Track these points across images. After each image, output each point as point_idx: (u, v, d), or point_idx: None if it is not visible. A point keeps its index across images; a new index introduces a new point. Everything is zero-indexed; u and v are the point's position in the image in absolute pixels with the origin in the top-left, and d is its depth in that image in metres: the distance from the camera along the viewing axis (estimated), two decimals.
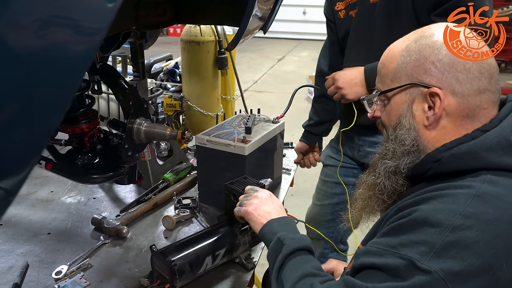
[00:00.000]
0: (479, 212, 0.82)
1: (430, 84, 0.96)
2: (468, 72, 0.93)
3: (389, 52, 1.06)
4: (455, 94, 0.94)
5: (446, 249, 0.79)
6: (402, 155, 1.00)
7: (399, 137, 1.01)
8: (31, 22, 0.53)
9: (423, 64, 0.97)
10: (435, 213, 0.84)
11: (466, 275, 0.78)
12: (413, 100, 0.99)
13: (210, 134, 1.70)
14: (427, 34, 0.99)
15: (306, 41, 11.41)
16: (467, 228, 0.81)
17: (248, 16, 1.39)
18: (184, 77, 2.88)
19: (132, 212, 1.68)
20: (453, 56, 0.94)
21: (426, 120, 0.97)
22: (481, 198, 0.84)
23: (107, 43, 1.63)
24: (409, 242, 0.83)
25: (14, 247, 1.52)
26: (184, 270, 1.25)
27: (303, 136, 2.21)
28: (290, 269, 1.03)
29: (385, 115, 1.07)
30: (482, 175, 0.89)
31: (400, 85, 1.01)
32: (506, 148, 0.90)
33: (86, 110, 1.33)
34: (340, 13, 1.81)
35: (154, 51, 3.82)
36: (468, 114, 0.94)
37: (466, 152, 0.91)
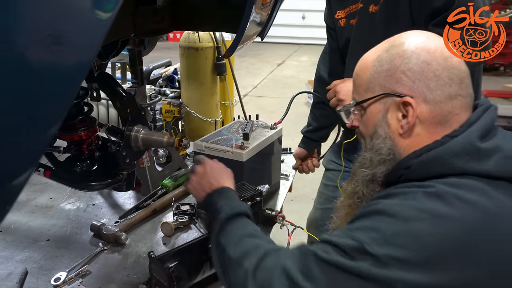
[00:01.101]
0: (435, 208, 0.84)
1: (402, 93, 0.97)
2: (438, 79, 0.95)
3: (362, 62, 1.08)
4: (427, 101, 0.95)
5: (396, 237, 0.83)
6: (378, 163, 1.02)
7: (375, 146, 1.02)
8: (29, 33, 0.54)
9: (394, 74, 0.98)
10: (394, 205, 0.88)
11: (411, 263, 0.81)
12: (387, 110, 1.00)
13: (208, 141, 1.71)
14: (397, 43, 1.01)
15: (305, 46, 11.44)
16: (420, 220, 0.83)
17: (245, 23, 1.39)
18: (183, 83, 2.90)
19: (131, 219, 1.69)
20: (423, 64, 0.95)
21: (400, 128, 0.98)
22: (440, 197, 0.86)
23: (105, 50, 1.64)
24: (364, 227, 0.88)
25: (13, 254, 1.53)
26: (182, 276, 1.26)
27: (301, 141, 2.21)
28: (228, 233, 1.07)
29: (362, 125, 1.08)
30: (448, 178, 0.90)
31: (374, 95, 1.02)
32: (472, 154, 0.91)
33: (85, 118, 1.34)
34: (340, 22, 1.82)
35: (154, 56, 3.84)
36: (441, 120, 0.96)
37: (433, 159, 0.93)
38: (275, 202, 1.86)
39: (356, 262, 0.83)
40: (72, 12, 0.59)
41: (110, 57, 1.69)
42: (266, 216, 1.62)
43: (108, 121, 2.65)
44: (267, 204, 1.81)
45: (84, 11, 0.60)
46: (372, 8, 1.61)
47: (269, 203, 1.83)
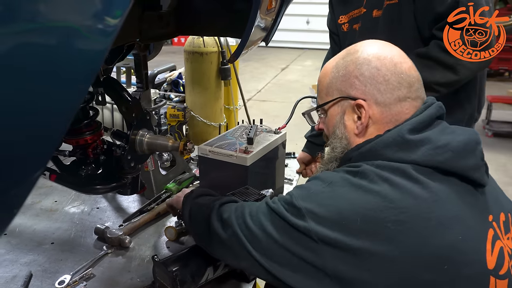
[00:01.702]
0: (355, 179, 0.97)
1: (355, 96, 1.07)
2: (388, 83, 1.04)
3: (323, 69, 1.19)
4: (378, 103, 1.05)
5: (317, 195, 0.98)
6: (332, 160, 1.14)
7: (332, 144, 1.14)
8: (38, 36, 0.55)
9: (349, 79, 1.08)
10: (327, 174, 1.04)
11: (322, 217, 0.94)
12: (344, 112, 1.11)
13: (212, 145, 1.72)
14: (352, 51, 1.12)
15: (309, 50, 11.45)
16: (340, 186, 0.97)
17: (250, 28, 1.40)
18: (188, 88, 2.91)
19: (135, 222, 1.70)
20: (373, 70, 1.05)
21: (356, 129, 1.08)
22: (362, 173, 0.97)
23: (111, 55, 1.66)
24: (301, 186, 1.05)
25: (18, 257, 1.54)
26: (185, 280, 1.26)
27: (305, 146, 2.21)
28: (200, 201, 1.27)
29: (325, 126, 1.19)
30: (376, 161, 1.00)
31: (332, 98, 1.12)
32: (400, 145, 0.99)
33: (90, 122, 1.34)
34: (343, 27, 1.82)
35: (159, 61, 3.85)
36: (391, 120, 1.04)
37: (368, 150, 1.04)
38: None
39: (286, 211, 0.98)
40: (82, 16, 0.59)
41: (116, 62, 1.70)
42: None
43: (113, 125, 2.66)
44: None
45: (94, 16, 0.61)
46: (376, 13, 1.62)
47: None
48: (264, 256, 1.01)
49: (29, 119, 0.58)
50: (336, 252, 0.91)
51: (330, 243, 0.92)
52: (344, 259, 0.90)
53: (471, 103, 1.62)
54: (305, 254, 0.94)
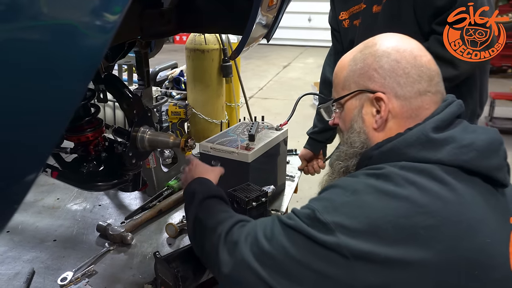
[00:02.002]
0: (380, 184, 0.91)
1: (374, 90, 1.03)
2: (408, 76, 1.00)
3: (340, 63, 1.15)
4: (398, 97, 1.01)
5: (343, 206, 0.91)
6: (351, 156, 1.09)
7: (350, 139, 1.08)
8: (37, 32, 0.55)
9: (367, 72, 1.04)
10: (347, 181, 0.98)
11: (353, 230, 0.87)
12: (362, 105, 1.06)
13: (214, 142, 1.72)
14: (370, 44, 1.08)
15: (311, 48, 11.44)
16: (366, 193, 0.91)
17: (251, 25, 1.40)
18: (189, 85, 2.91)
19: (137, 219, 1.70)
20: (393, 62, 1.01)
21: (375, 123, 1.04)
22: (388, 176, 0.92)
23: (112, 52, 1.66)
24: (320, 198, 0.98)
25: (21, 254, 1.54)
26: (187, 276, 1.26)
27: (307, 143, 2.22)
28: (205, 210, 1.17)
29: (341, 121, 1.15)
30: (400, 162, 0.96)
31: (349, 92, 1.08)
32: (424, 144, 0.95)
33: (91, 119, 1.35)
34: (344, 23, 1.82)
35: (160, 59, 3.85)
36: (412, 115, 1.01)
37: (390, 149, 0.99)
38: (281, 203, 1.87)
39: (310, 227, 0.90)
40: (80, 12, 0.59)
41: (117, 59, 1.70)
42: None
43: (114, 122, 2.66)
44: (273, 205, 1.81)
45: (93, 12, 0.61)
46: (375, 8, 1.61)
47: (274, 204, 1.83)
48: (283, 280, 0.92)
49: (28, 117, 0.58)
50: (369, 266, 0.85)
51: (362, 257, 0.85)
52: (377, 271, 0.85)
53: (472, 98, 1.62)
54: (333, 271, 0.87)
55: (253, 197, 1.47)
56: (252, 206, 1.46)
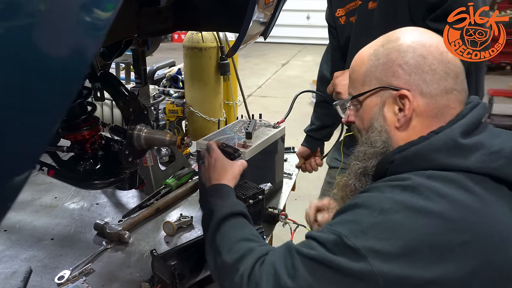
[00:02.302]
0: (409, 200, 0.85)
1: (398, 86, 0.97)
2: (434, 73, 0.95)
3: (358, 57, 1.08)
4: (423, 94, 0.96)
5: (372, 229, 0.84)
6: (371, 156, 1.03)
7: (370, 139, 1.03)
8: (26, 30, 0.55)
9: (391, 67, 0.99)
10: (371, 199, 0.90)
11: (386, 253, 0.81)
12: (383, 103, 1.01)
13: (211, 139, 1.71)
14: (393, 38, 1.02)
15: (310, 46, 11.44)
16: (394, 212, 0.84)
17: (247, 22, 1.40)
18: (187, 83, 2.91)
19: (134, 218, 1.70)
20: (419, 58, 0.96)
21: (397, 121, 0.99)
22: (415, 189, 0.87)
23: (109, 50, 1.65)
24: (344, 220, 0.90)
25: (18, 253, 1.54)
26: (184, 274, 1.26)
27: (305, 140, 2.22)
28: (223, 235, 1.08)
29: (358, 119, 1.09)
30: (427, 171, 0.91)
31: (370, 88, 1.02)
32: (452, 149, 0.91)
33: (88, 117, 1.34)
34: (340, 19, 1.82)
35: (159, 57, 3.85)
36: (437, 113, 0.96)
37: (415, 154, 0.94)
38: (278, 200, 1.87)
39: (337, 256, 0.84)
40: (72, 9, 0.59)
41: (114, 57, 1.70)
42: (268, 214, 1.63)
43: (112, 121, 2.66)
44: (270, 202, 1.81)
45: (85, 9, 0.61)
46: (371, 4, 1.62)
47: (272, 202, 1.83)
48: None
49: (19, 116, 0.57)
50: None
51: (398, 282, 0.80)
52: None
53: None
54: None
55: (250, 195, 1.47)
56: (249, 204, 1.46)
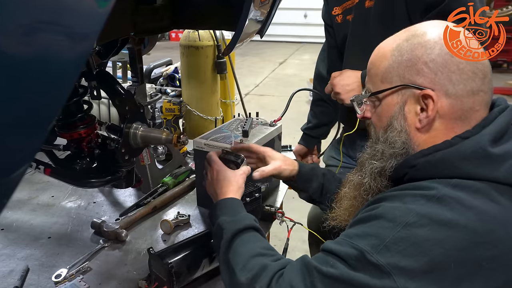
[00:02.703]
0: (435, 213, 0.81)
1: (422, 86, 0.92)
2: (462, 73, 0.90)
3: (378, 51, 1.03)
4: (448, 95, 0.91)
5: (396, 244, 0.80)
6: (390, 157, 0.98)
7: (389, 139, 0.98)
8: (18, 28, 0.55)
9: (416, 65, 0.93)
10: (393, 209, 0.85)
11: (412, 270, 0.78)
12: (405, 102, 0.96)
13: (207, 138, 1.72)
14: (419, 32, 0.96)
15: (307, 44, 11.43)
16: (419, 226, 0.81)
17: (243, 20, 1.40)
18: (184, 82, 2.91)
19: (131, 216, 1.70)
20: (447, 56, 0.91)
21: (418, 122, 0.94)
22: (441, 200, 0.83)
23: (105, 49, 1.65)
24: (364, 234, 0.85)
25: (15, 251, 1.54)
26: (181, 272, 1.26)
27: (301, 138, 2.22)
28: (236, 253, 1.04)
29: (375, 116, 1.04)
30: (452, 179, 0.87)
31: (391, 86, 0.97)
32: (481, 159, 0.87)
33: (84, 116, 1.34)
34: (337, 18, 1.82)
35: (156, 56, 3.84)
36: (461, 116, 0.92)
37: (440, 160, 0.89)
38: (275, 198, 1.87)
39: (359, 272, 0.81)
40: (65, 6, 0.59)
41: (110, 56, 1.70)
42: (265, 212, 1.63)
43: (109, 120, 2.66)
44: (267, 200, 1.81)
45: (78, 6, 0.61)
46: (368, 3, 1.62)
47: (269, 200, 1.83)
48: None
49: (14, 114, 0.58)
50: None
51: None
52: None
53: None
54: None
55: (247, 193, 1.48)
56: (245, 202, 1.46)
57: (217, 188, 1.26)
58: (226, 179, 1.27)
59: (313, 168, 1.48)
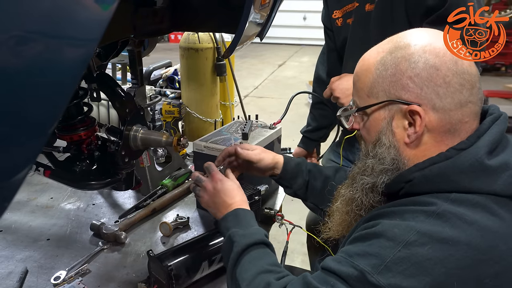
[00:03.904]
0: (435, 231, 0.81)
1: (409, 101, 0.91)
2: (448, 86, 0.88)
3: (363, 63, 1.01)
4: (436, 109, 0.89)
5: (397, 264, 0.79)
6: (380, 172, 0.97)
7: (378, 155, 0.97)
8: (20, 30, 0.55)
9: (400, 80, 0.91)
10: (393, 227, 0.84)
11: None
12: (392, 117, 0.94)
13: (207, 140, 1.72)
14: (402, 44, 0.93)
15: (306, 47, 11.44)
16: (420, 245, 0.80)
17: (243, 23, 1.40)
18: (183, 84, 2.91)
19: (131, 218, 1.70)
20: (431, 69, 0.89)
21: (407, 137, 0.93)
22: (441, 216, 0.82)
23: (105, 51, 1.65)
24: (364, 253, 0.84)
25: (14, 253, 1.54)
26: (180, 275, 1.26)
27: (301, 141, 2.22)
28: (243, 268, 1.03)
29: (364, 130, 1.02)
30: (450, 194, 0.86)
31: (377, 101, 0.96)
32: (478, 172, 0.86)
33: (84, 118, 1.34)
34: (337, 21, 1.83)
35: (155, 58, 3.84)
36: (450, 129, 0.90)
37: (437, 174, 0.88)
38: (275, 201, 1.87)
39: None
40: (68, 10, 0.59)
41: (110, 58, 1.70)
42: (265, 215, 1.63)
43: (108, 122, 2.66)
44: (267, 203, 1.81)
45: (81, 10, 0.61)
46: (368, 7, 1.62)
47: (268, 203, 1.83)
48: None
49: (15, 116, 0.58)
50: None
51: None
52: None
53: None
54: None
55: (247, 196, 1.47)
56: None
57: (225, 198, 1.21)
58: (233, 189, 1.23)
59: (298, 164, 1.44)
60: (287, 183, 1.45)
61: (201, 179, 1.28)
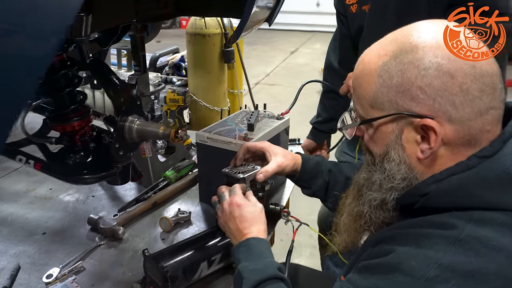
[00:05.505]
0: (459, 262, 0.70)
1: (420, 114, 0.78)
2: (466, 94, 0.76)
3: (363, 67, 0.88)
4: (452, 121, 0.77)
5: None
6: (388, 190, 0.87)
7: (387, 171, 0.86)
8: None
9: (409, 90, 0.79)
10: (410, 258, 0.73)
11: None
12: (401, 130, 0.83)
13: (211, 131, 1.63)
14: (408, 46, 0.80)
15: (319, 33, 11.25)
16: (442, 281, 0.69)
17: (250, 8, 1.32)
18: (190, 71, 2.83)
19: (130, 212, 1.62)
20: (445, 77, 0.77)
21: (420, 153, 0.82)
22: (464, 243, 0.71)
23: (105, 36, 1.57)
24: None
25: (7, 248, 1.48)
26: (177, 276, 1.18)
27: (310, 133, 2.13)
28: None
29: (371, 142, 0.91)
30: (473, 211, 0.75)
31: (383, 114, 0.84)
32: (505, 185, 0.75)
33: (78, 107, 1.26)
34: (352, 8, 1.72)
35: (165, 44, 3.76)
36: (470, 140, 0.79)
37: (457, 187, 0.77)
38: (281, 196, 1.78)
39: None
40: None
41: (111, 44, 1.62)
42: (270, 211, 1.54)
43: (104, 111, 2.58)
44: (272, 198, 1.73)
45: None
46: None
47: (274, 198, 1.75)
48: None
49: None
50: None
51: None
52: None
53: None
54: None
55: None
56: None
57: (240, 226, 1.11)
58: (252, 217, 1.13)
59: (317, 163, 1.36)
60: (305, 184, 1.38)
61: (223, 197, 1.20)
